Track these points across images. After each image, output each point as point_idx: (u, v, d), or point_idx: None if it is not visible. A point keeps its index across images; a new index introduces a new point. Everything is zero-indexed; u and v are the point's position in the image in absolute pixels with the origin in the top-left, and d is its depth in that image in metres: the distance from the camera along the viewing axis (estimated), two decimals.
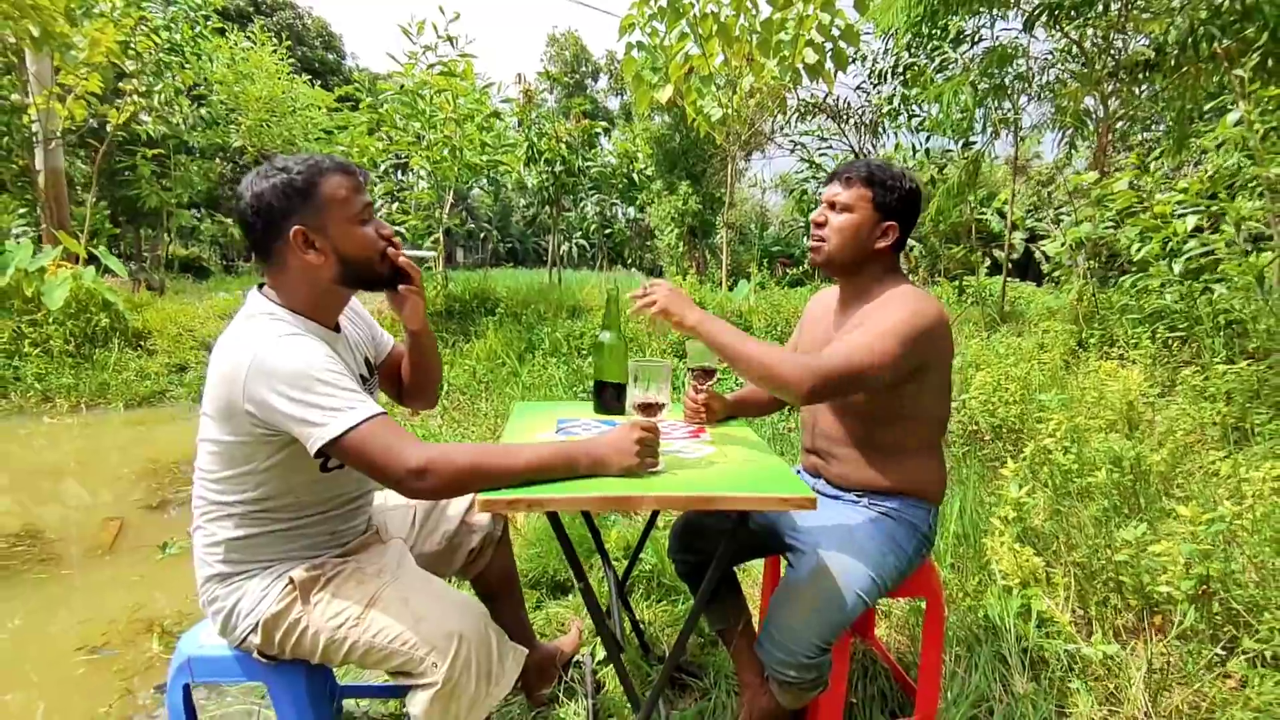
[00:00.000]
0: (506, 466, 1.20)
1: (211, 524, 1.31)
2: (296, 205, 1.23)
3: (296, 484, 1.30)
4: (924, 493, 1.55)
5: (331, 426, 1.13)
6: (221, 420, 1.22)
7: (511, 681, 1.34)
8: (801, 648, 1.39)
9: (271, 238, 1.25)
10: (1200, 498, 2.45)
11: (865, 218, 1.50)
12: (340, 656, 1.30)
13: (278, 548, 1.33)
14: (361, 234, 1.30)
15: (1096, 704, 1.78)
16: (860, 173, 1.52)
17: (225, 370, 1.19)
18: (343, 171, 1.28)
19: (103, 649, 2.28)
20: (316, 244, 1.26)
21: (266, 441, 1.22)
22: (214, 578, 1.32)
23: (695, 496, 1.23)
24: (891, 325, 1.38)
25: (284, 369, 1.15)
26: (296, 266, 1.27)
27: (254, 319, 1.26)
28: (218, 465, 1.27)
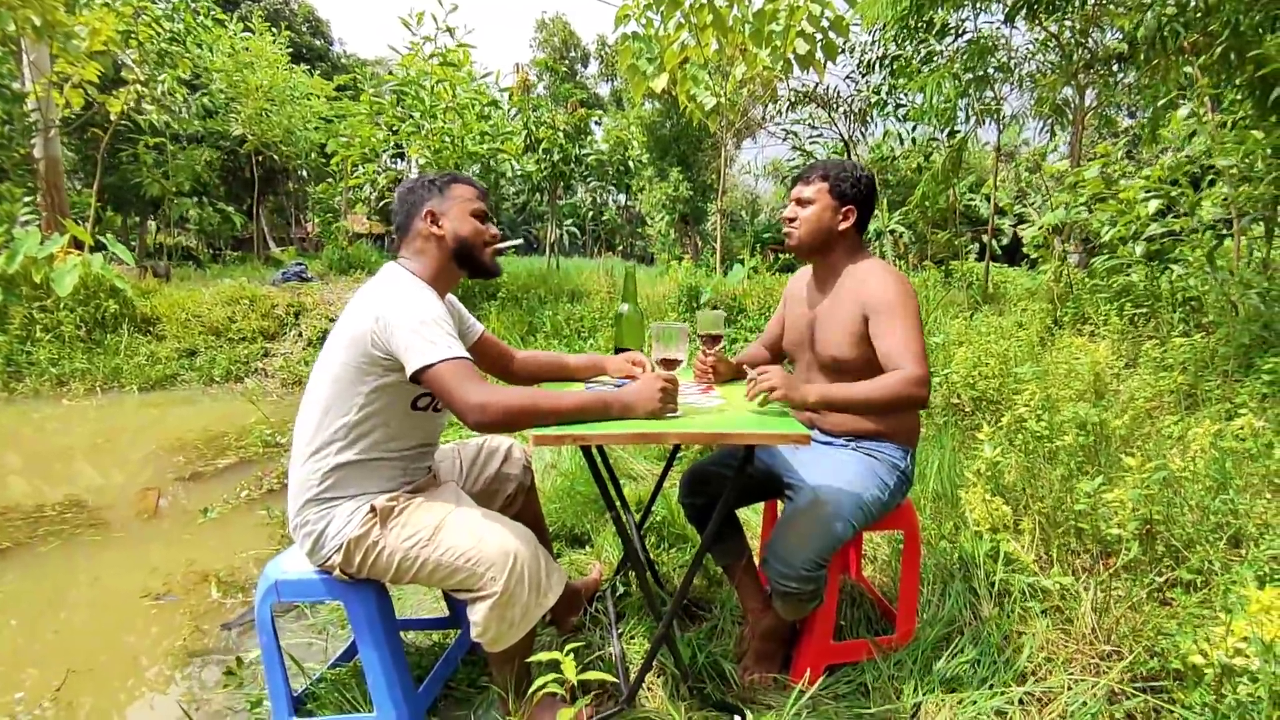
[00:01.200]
0: (552, 407, 1.47)
1: (314, 455, 1.55)
2: (432, 195, 1.65)
3: (391, 415, 1.57)
4: (901, 436, 1.83)
5: (428, 354, 1.41)
6: (350, 344, 1.51)
7: (557, 594, 1.58)
8: (801, 562, 1.65)
9: (411, 217, 1.65)
10: (1151, 454, 2.73)
11: (825, 205, 1.84)
12: (411, 574, 1.54)
13: (365, 478, 1.58)
14: (474, 225, 1.67)
15: (1051, 625, 2.05)
16: (816, 171, 1.86)
17: (364, 308, 1.51)
18: (470, 183, 1.70)
19: (166, 596, 2.52)
20: (440, 223, 1.63)
21: (378, 364, 1.50)
22: (310, 502, 1.56)
23: (710, 433, 1.48)
24: (903, 301, 1.71)
25: (412, 305, 1.47)
26: (423, 238, 1.64)
27: (394, 278, 1.58)
28: (335, 391, 1.53)
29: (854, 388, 1.67)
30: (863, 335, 1.75)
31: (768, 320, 6.49)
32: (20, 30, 7.16)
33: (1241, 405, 2.88)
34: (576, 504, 2.82)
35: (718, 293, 6.56)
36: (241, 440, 4.58)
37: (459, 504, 1.63)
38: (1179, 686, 1.70)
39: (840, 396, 1.68)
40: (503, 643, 1.52)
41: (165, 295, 7.89)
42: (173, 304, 7.59)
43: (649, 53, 7.39)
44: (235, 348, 7.11)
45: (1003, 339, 4.60)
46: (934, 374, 4.43)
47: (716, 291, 6.57)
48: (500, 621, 1.48)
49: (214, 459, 4.22)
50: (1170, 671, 1.77)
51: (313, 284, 8.65)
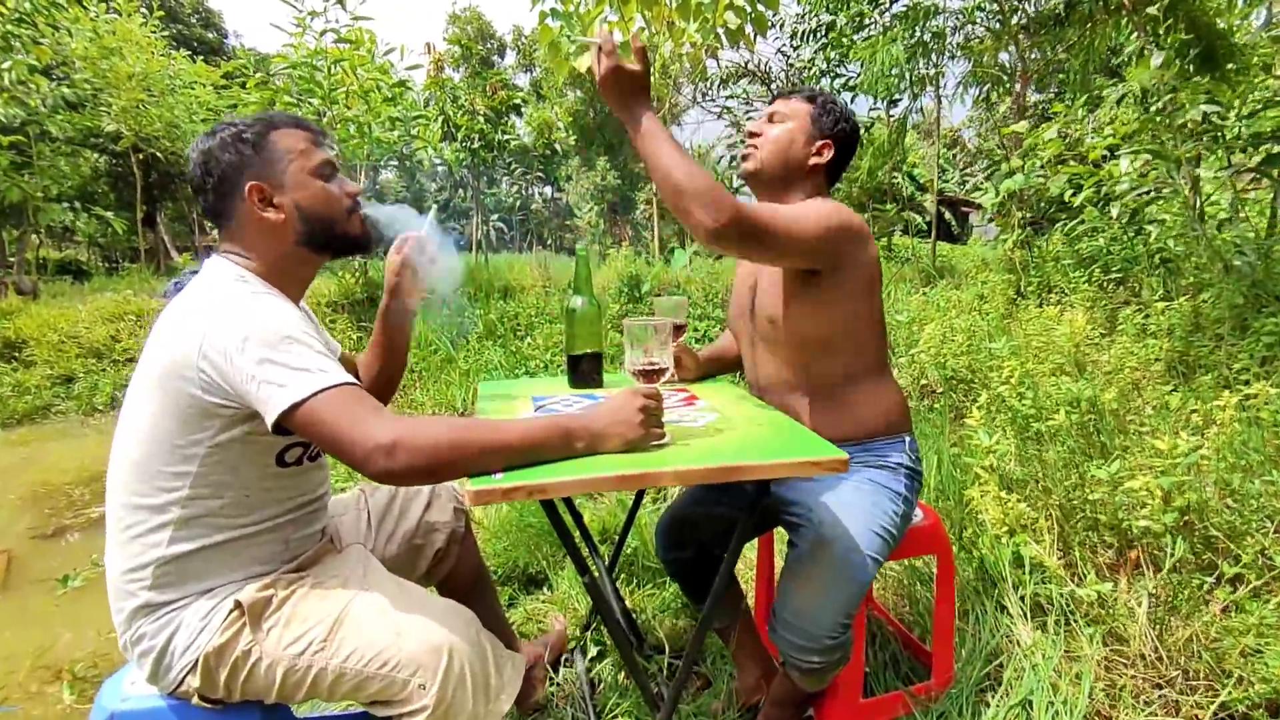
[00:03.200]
0: (493, 443, 1.02)
1: (135, 540, 1.07)
2: (250, 159, 1.13)
3: (247, 477, 1.09)
4: (891, 427, 1.45)
5: (295, 389, 0.96)
6: (163, 387, 1.02)
7: (514, 693, 1.16)
8: (824, 629, 1.27)
9: (226, 197, 1.14)
10: (1161, 431, 2.49)
11: (800, 128, 1.46)
12: (304, 691, 1.09)
13: (219, 566, 1.10)
14: (323, 188, 1.17)
15: (1101, 644, 1.75)
16: (804, 91, 1.52)
17: (181, 328, 1.02)
18: (297, 125, 1.18)
19: (3, 706, 1.95)
20: (274, 200, 1.14)
21: (215, 414, 1.02)
22: (140, 610, 1.08)
23: (720, 467, 1.07)
24: (819, 208, 1.32)
25: (255, 324, 1.00)
26: (255, 227, 1.14)
27: (220, 281, 1.09)
28: (151, 451, 1.04)
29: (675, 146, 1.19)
30: (802, 288, 1.37)
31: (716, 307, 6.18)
32: None
33: (1241, 371, 2.68)
34: (529, 538, 2.37)
35: (660, 281, 6.17)
36: None
37: (365, 581, 1.17)
38: None
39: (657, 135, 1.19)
40: None
41: (33, 315, 6.93)
42: (42, 324, 6.65)
43: (570, 31, 6.95)
44: (121, 370, 6.26)
45: (965, 313, 4.40)
46: (898, 354, 4.18)
47: (659, 280, 6.18)
48: None
49: (86, 506, 3.56)
50: (1262, 700, 1.49)
51: None
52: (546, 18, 7.30)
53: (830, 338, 1.40)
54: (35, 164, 8.36)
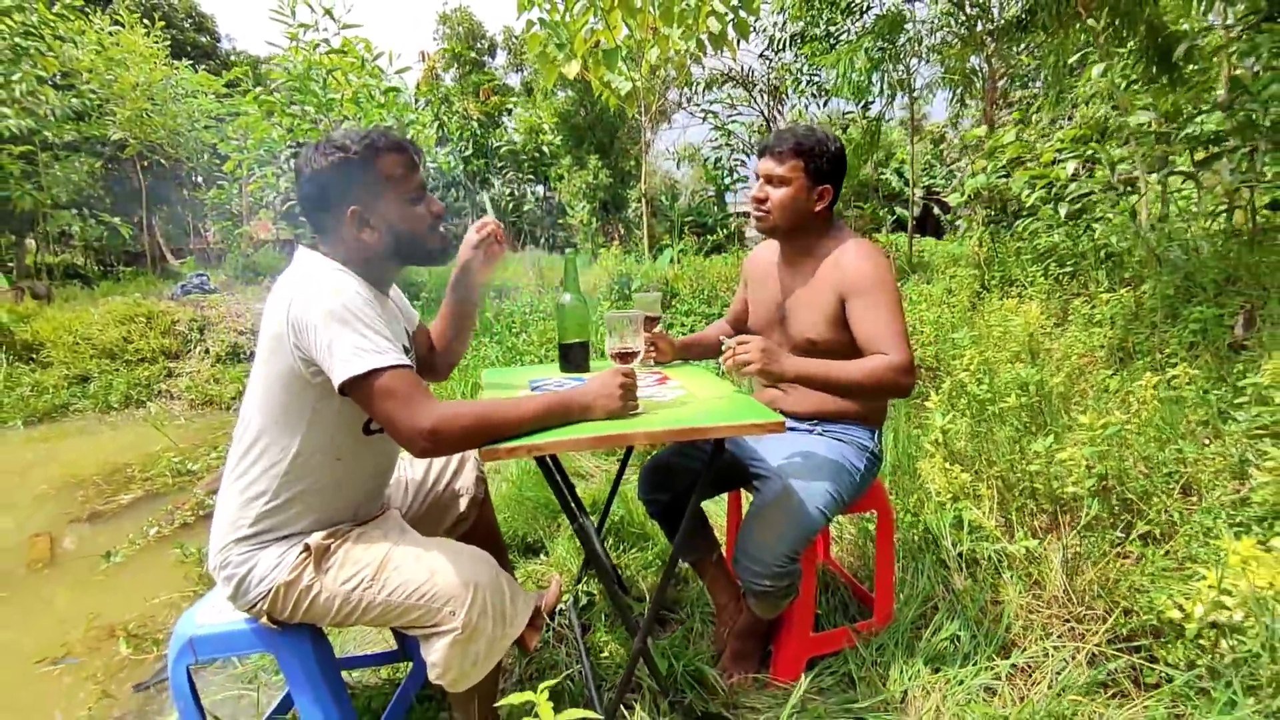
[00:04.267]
0: (511, 418, 1.27)
1: (247, 491, 1.32)
2: (353, 185, 1.28)
3: (341, 443, 1.32)
4: (867, 417, 1.75)
5: (358, 363, 1.16)
6: (270, 351, 1.25)
7: (524, 622, 1.41)
8: (774, 559, 1.55)
9: (328, 213, 1.31)
10: (1095, 409, 2.77)
11: (801, 187, 1.67)
12: (355, 618, 1.34)
13: (303, 519, 1.35)
14: (414, 213, 1.35)
15: (1023, 590, 2.03)
16: (789, 144, 1.66)
17: (276, 304, 1.24)
18: (398, 150, 1.32)
19: (65, 659, 2.22)
20: (371, 223, 1.31)
21: (311, 382, 1.24)
22: (234, 541, 1.33)
23: (680, 429, 1.34)
24: (884, 284, 1.58)
25: (329, 297, 1.19)
26: (351, 242, 1.33)
27: (307, 266, 1.29)
28: (267, 414, 1.28)
29: (836, 367, 1.54)
30: (839, 318, 1.64)
31: (701, 303, 6.45)
32: None
33: (1171, 355, 2.97)
34: (527, 510, 2.65)
35: (649, 279, 6.44)
36: (147, 471, 4.17)
37: (403, 534, 1.44)
38: (1159, 643, 1.69)
39: (821, 374, 1.54)
40: (466, 682, 1.34)
41: (48, 318, 7.17)
42: (57, 327, 6.89)
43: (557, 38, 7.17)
44: (134, 370, 6.52)
45: (934, 305, 4.67)
46: None
47: (647, 278, 6.45)
48: (463, 659, 1.31)
49: (115, 494, 3.82)
50: (1148, 629, 1.76)
51: (216, 295, 8.04)
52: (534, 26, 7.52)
53: (850, 350, 1.63)
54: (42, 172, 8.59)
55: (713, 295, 6.28)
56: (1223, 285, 3.14)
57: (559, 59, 7.56)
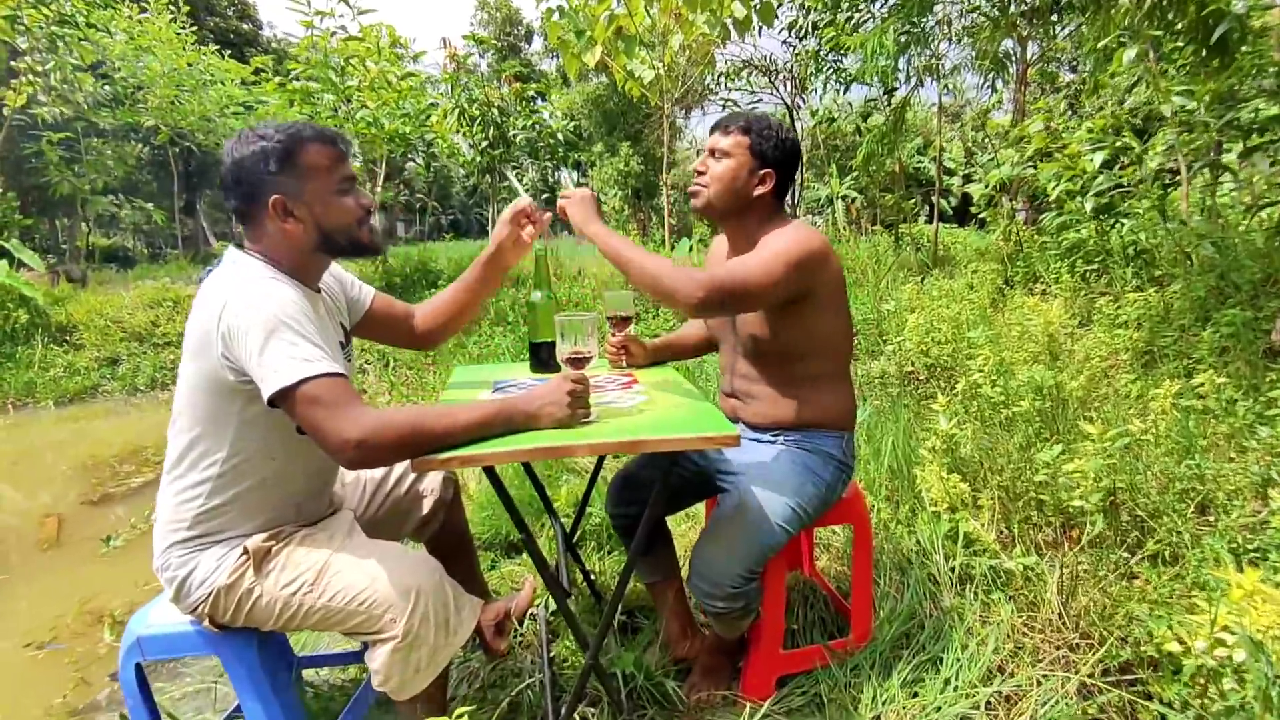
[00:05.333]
0: (445, 427, 1.22)
1: (184, 493, 1.30)
2: (276, 174, 1.25)
3: (273, 444, 1.30)
4: (833, 422, 1.63)
5: (286, 374, 1.12)
6: (199, 356, 1.22)
7: (469, 631, 1.37)
8: (726, 578, 1.47)
9: (251, 203, 1.27)
10: (1111, 418, 2.62)
11: (742, 163, 1.57)
12: (296, 622, 1.32)
13: (241, 520, 1.33)
14: (340, 204, 1.31)
15: (1017, 611, 1.92)
16: (738, 122, 1.58)
17: (205, 310, 1.20)
18: (323, 140, 1.29)
19: (51, 643, 2.25)
20: (296, 213, 1.27)
21: (240, 389, 1.22)
22: (174, 545, 1.32)
23: (624, 442, 1.28)
24: (779, 248, 1.46)
25: (259, 307, 1.16)
26: (275, 234, 1.29)
27: (237, 269, 1.26)
28: (195, 419, 1.26)
29: (635, 247, 1.49)
30: (780, 311, 1.53)
31: None
32: None
33: (1200, 360, 2.79)
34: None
35: None
36: (161, 453, 4.24)
37: (348, 537, 1.40)
38: (1155, 677, 1.57)
39: (613, 242, 1.47)
40: (409, 690, 1.31)
41: (82, 301, 7.38)
42: (90, 310, 7.09)
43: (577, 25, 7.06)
44: (160, 353, 6.67)
45: (954, 302, 4.50)
46: (887, 342, 4.31)
47: None
48: (404, 667, 1.27)
49: (129, 476, 3.90)
50: (1145, 659, 1.65)
51: None
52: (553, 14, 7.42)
53: (806, 348, 1.56)
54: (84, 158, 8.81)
55: None
56: (1260, 286, 2.94)
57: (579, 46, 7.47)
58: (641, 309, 5.98)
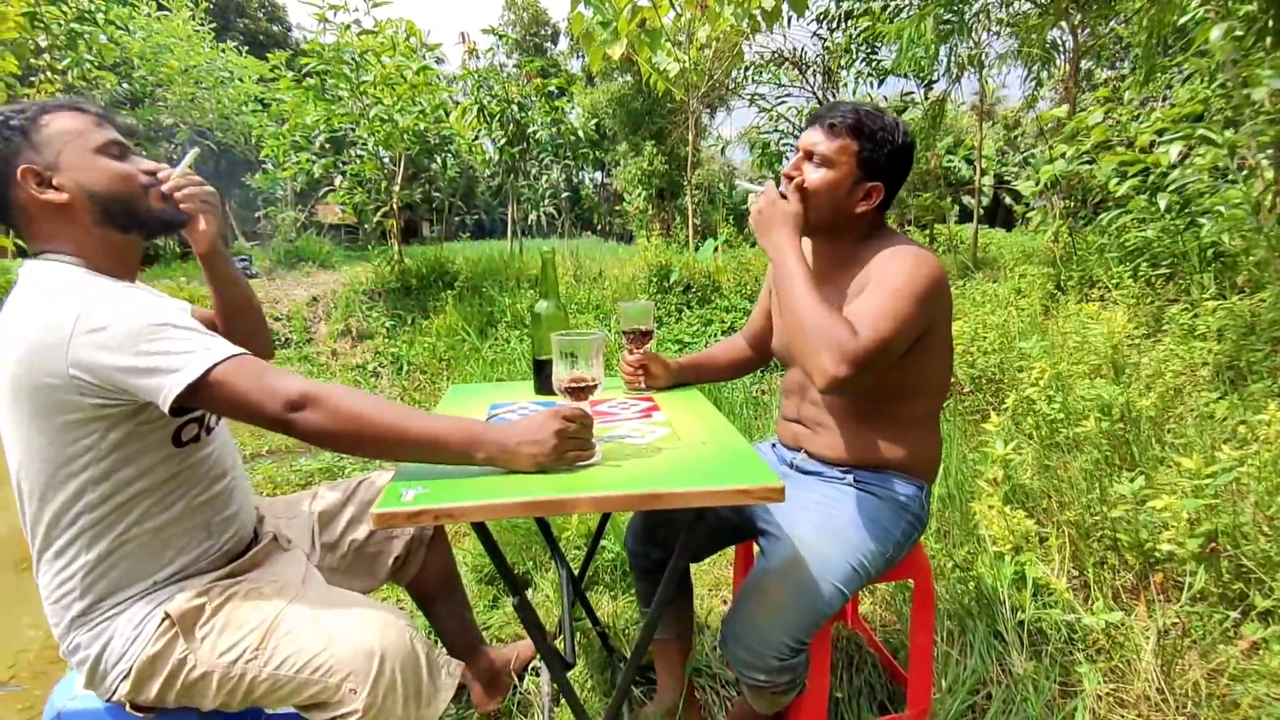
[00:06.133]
0: (397, 428, 1.02)
1: (57, 555, 1.07)
2: (19, 147, 1.06)
3: (148, 465, 1.07)
4: (916, 469, 1.36)
5: (188, 370, 0.96)
6: (31, 401, 0.99)
7: (447, 699, 1.15)
8: (770, 649, 1.21)
9: (6, 190, 1.07)
10: (1198, 444, 2.30)
11: (845, 175, 1.26)
12: (239, 698, 1.09)
13: (144, 564, 1.10)
14: (108, 165, 1.11)
15: (1103, 679, 1.63)
16: (847, 120, 1.26)
17: (35, 336, 0.97)
18: (73, 109, 1.12)
19: (7, 685, 2.04)
20: (54, 182, 1.07)
21: (100, 414, 1.00)
22: (74, 621, 1.09)
23: (637, 495, 1.01)
24: (904, 283, 1.17)
25: (122, 322, 0.97)
26: (42, 213, 1.08)
27: (57, 283, 1.04)
28: (41, 467, 1.03)
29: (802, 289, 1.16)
30: None
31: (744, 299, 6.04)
32: None
33: None
34: (517, 538, 2.35)
35: (689, 270, 6.07)
36: None
37: (301, 588, 1.17)
38: None
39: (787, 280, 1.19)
40: None
41: None
42: None
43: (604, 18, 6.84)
44: None
45: (1000, 308, 4.18)
46: None
47: (688, 269, 6.08)
48: None
49: None
50: None
51: (258, 280, 8.07)
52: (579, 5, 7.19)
53: (899, 386, 1.30)
54: None
55: (757, 291, 5.88)
56: None
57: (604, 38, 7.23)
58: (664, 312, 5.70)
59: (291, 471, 3.54)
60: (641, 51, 6.93)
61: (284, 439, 4.03)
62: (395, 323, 6.35)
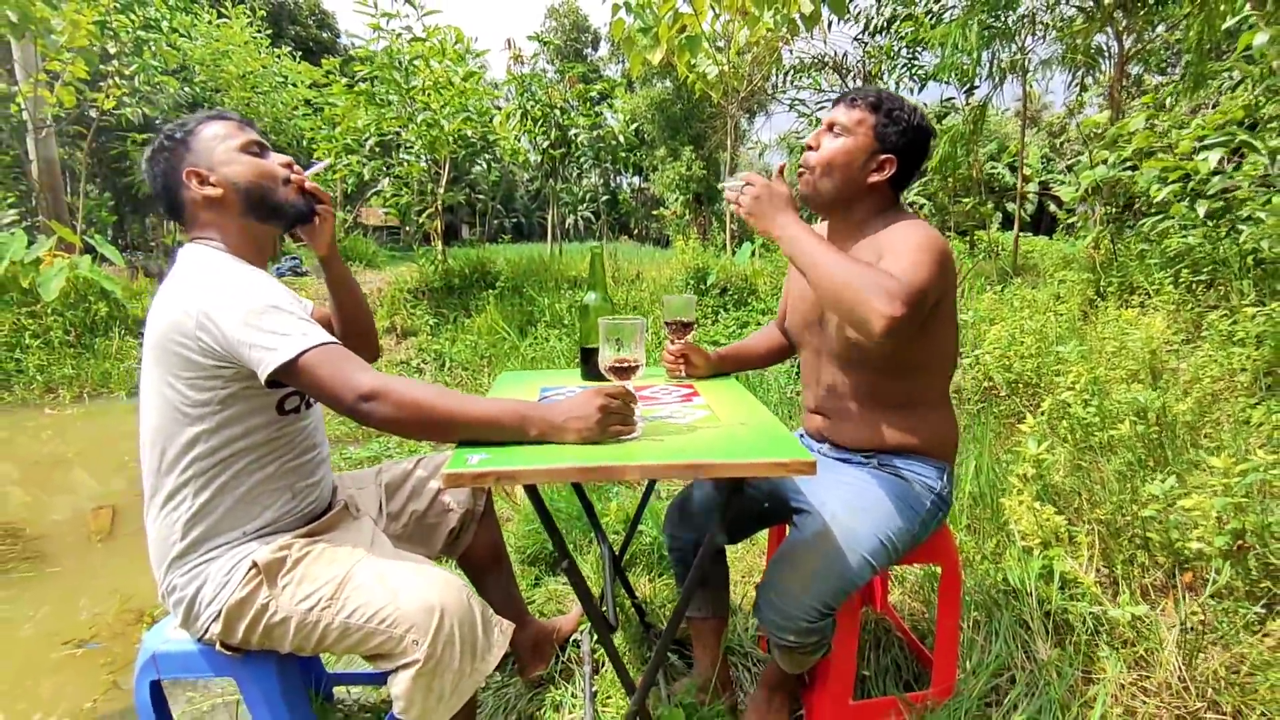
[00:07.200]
0: (456, 410, 1.15)
1: (166, 500, 1.22)
2: (182, 154, 1.27)
3: (253, 426, 1.23)
4: (937, 450, 1.44)
5: (284, 350, 1.10)
6: (166, 360, 1.17)
7: (498, 656, 1.25)
8: (801, 611, 1.30)
9: (174, 191, 1.28)
10: (1231, 447, 2.31)
11: (861, 144, 1.36)
12: (314, 643, 1.21)
13: (238, 516, 1.24)
14: (251, 160, 1.30)
15: (1126, 669, 1.67)
16: (869, 97, 1.38)
17: (176, 304, 1.16)
18: (219, 118, 1.32)
19: (89, 642, 2.22)
20: (210, 179, 1.27)
21: (217, 375, 1.16)
22: (173, 562, 1.23)
23: (682, 464, 1.11)
24: (921, 243, 1.25)
25: (241, 295, 1.14)
26: (203, 206, 1.28)
27: (202, 262, 1.23)
28: (168, 417, 1.19)
29: (825, 249, 1.20)
30: None
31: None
32: None
33: None
34: (561, 522, 2.47)
35: (725, 273, 6.14)
36: None
37: (371, 548, 1.29)
38: None
39: (798, 242, 1.23)
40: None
41: None
42: None
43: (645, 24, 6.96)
44: None
45: (1038, 314, 4.17)
46: (963, 355, 4.02)
47: (725, 272, 6.16)
48: (427, 695, 1.16)
49: None
50: None
51: (308, 278, 8.38)
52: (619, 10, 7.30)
53: (909, 362, 1.37)
54: None
55: None
56: None
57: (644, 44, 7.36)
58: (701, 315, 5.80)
59: (342, 459, 3.72)
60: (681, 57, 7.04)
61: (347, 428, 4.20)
62: (439, 320, 6.55)
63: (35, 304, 6.73)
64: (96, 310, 6.94)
